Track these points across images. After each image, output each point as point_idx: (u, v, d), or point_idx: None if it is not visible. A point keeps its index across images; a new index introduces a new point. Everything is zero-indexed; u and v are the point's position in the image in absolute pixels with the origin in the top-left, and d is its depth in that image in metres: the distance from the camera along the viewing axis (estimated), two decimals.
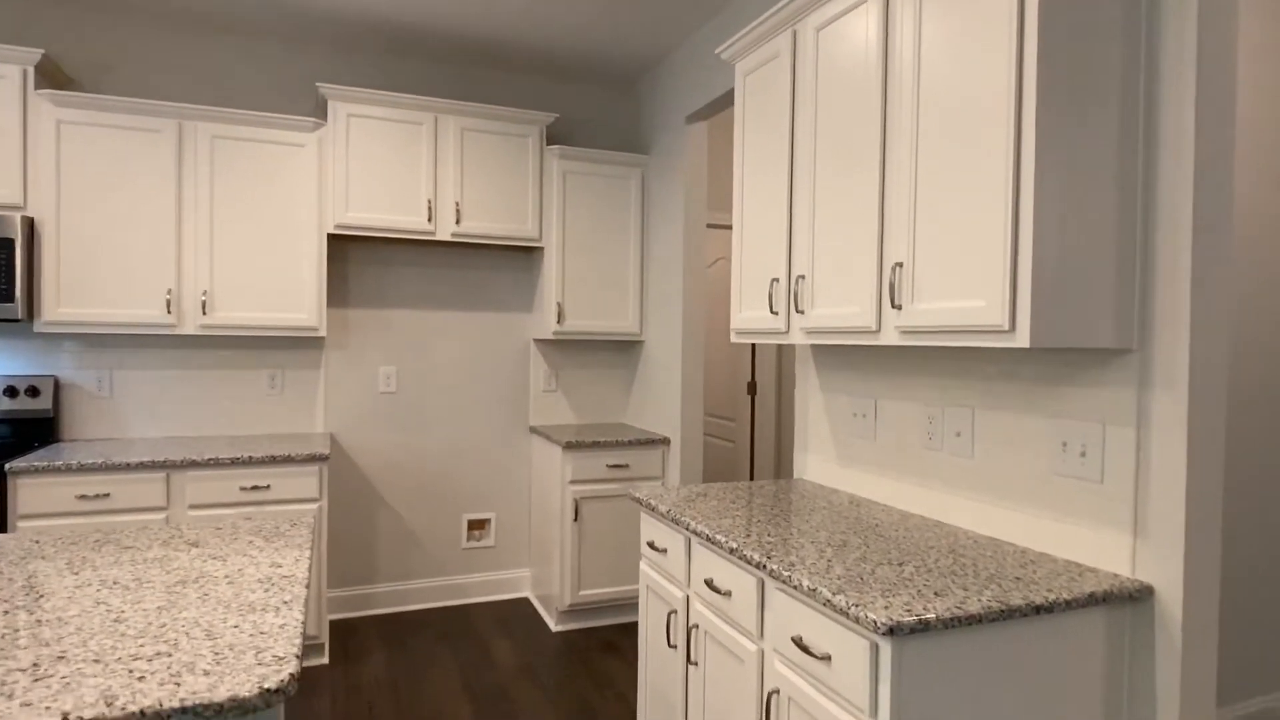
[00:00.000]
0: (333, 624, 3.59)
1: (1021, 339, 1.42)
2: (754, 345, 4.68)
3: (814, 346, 2.56)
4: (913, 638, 1.30)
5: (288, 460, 3.01)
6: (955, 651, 1.34)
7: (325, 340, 3.65)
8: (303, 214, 3.31)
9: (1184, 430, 1.44)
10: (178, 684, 1.01)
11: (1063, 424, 1.67)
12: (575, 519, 3.47)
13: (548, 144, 3.97)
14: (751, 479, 4.77)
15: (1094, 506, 1.60)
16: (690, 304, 3.53)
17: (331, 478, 3.67)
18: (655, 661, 2.23)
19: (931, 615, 1.29)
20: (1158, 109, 1.50)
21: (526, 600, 3.94)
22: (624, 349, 4.19)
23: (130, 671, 1.04)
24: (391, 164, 3.40)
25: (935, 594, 1.40)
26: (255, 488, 2.99)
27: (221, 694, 0.98)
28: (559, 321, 3.70)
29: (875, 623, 1.28)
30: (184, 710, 0.96)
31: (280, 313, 3.28)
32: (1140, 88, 1.52)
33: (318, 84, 3.33)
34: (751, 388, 4.73)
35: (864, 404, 2.29)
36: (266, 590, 1.38)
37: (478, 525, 3.95)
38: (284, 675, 1.04)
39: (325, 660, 3.17)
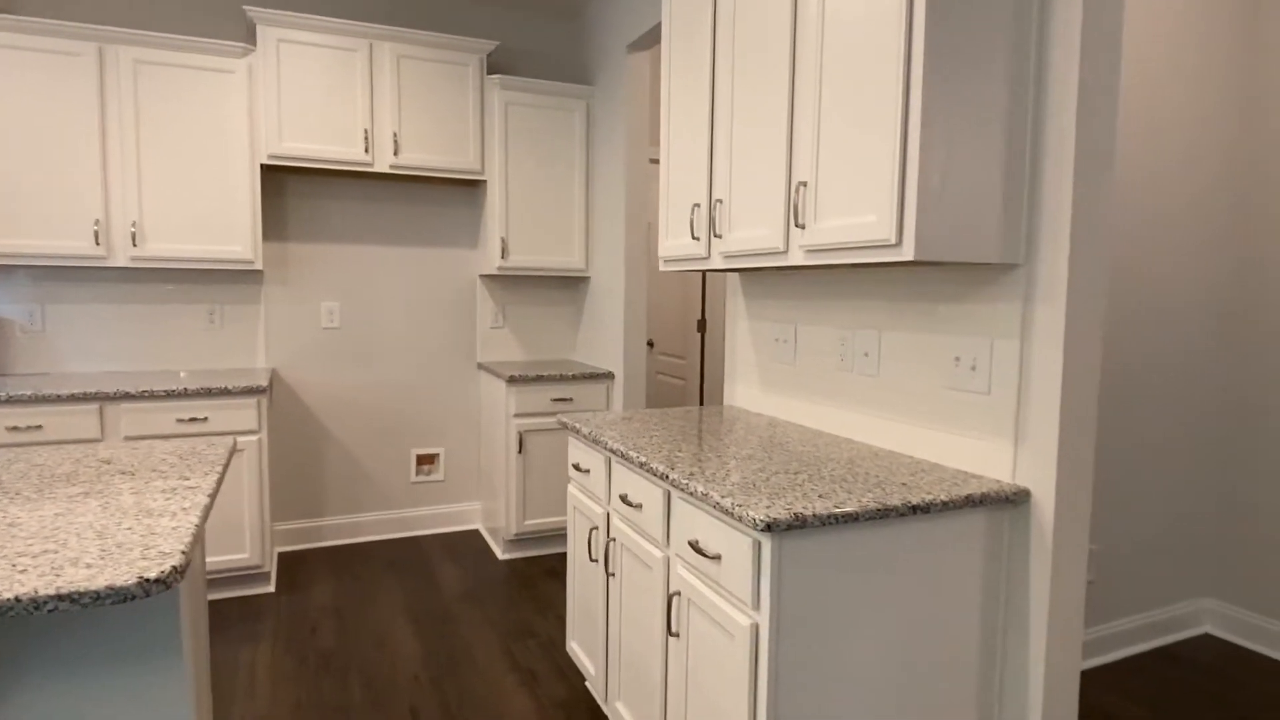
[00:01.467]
0: (281, 555, 3.64)
1: (907, 252, 1.46)
2: (704, 283, 4.71)
3: (742, 276, 2.59)
4: (790, 534, 1.37)
5: (225, 393, 3.01)
6: (833, 548, 1.41)
7: (264, 275, 3.60)
8: (234, 143, 3.23)
9: (1061, 341, 1.51)
10: (58, 575, 1.04)
11: (957, 340, 1.73)
12: (520, 451, 3.53)
13: (489, 73, 3.89)
14: None
15: (981, 417, 1.68)
16: (633, 239, 3.53)
17: (276, 413, 3.67)
18: (580, 576, 2.31)
19: (808, 512, 1.36)
20: (1049, 43, 1.52)
21: (476, 532, 4.03)
22: (571, 285, 4.20)
23: (13, 566, 1.07)
24: (325, 92, 3.32)
25: (819, 496, 1.46)
26: (193, 419, 2.99)
27: (99, 583, 1.02)
28: (503, 257, 3.69)
29: (755, 520, 1.34)
30: (60, 597, 0.99)
31: (214, 245, 3.23)
32: (1034, 20, 1.54)
33: (245, 7, 3.22)
34: (701, 325, 4.77)
35: (785, 330, 2.34)
36: (168, 499, 1.41)
37: (427, 460, 3.99)
38: (165, 567, 1.07)
39: (271, 589, 3.23)
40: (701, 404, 4.83)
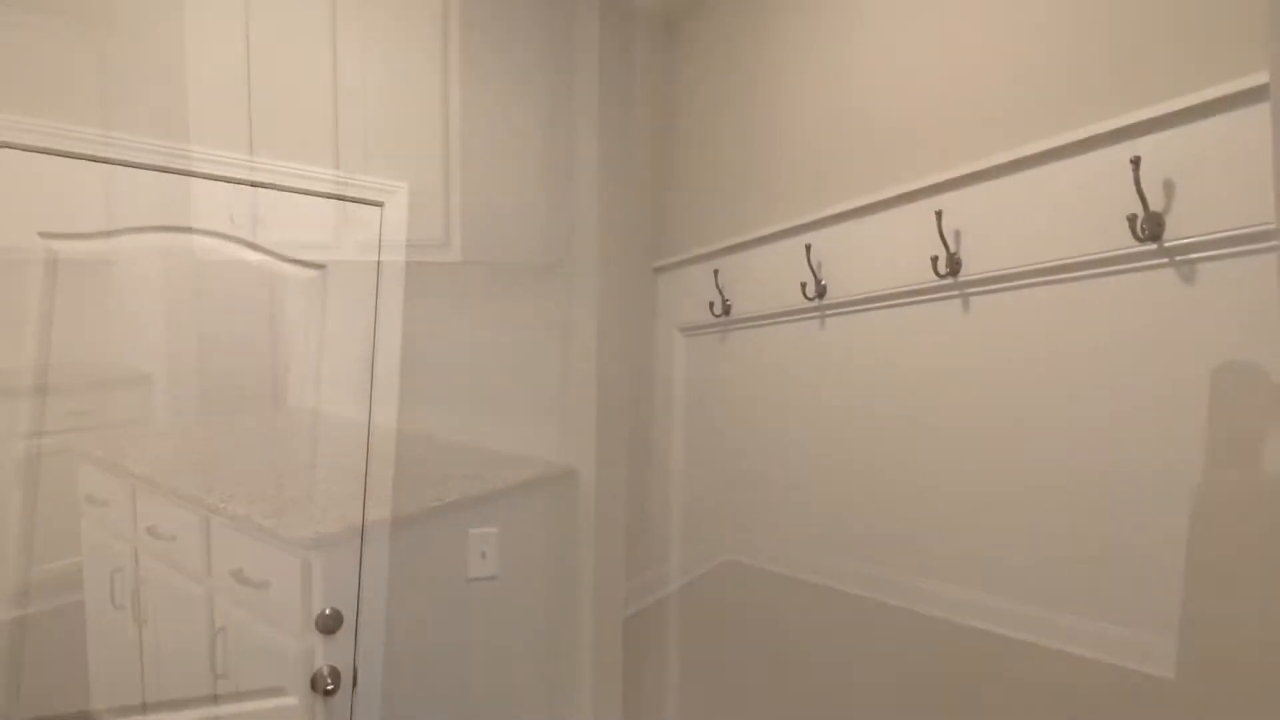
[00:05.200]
0: None
1: (454, 255, 1.51)
2: None
3: None
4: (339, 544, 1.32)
5: None
6: (401, 551, 1.40)
7: None
8: None
9: (594, 335, 1.70)
10: None
11: (518, 336, 1.84)
12: None
13: None
14: None
15: (544, 408, 1.81)
16: None
17: None
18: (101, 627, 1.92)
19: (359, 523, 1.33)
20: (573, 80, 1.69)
21: None
22: None
23: None
24: None
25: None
26: None
27: None
28: None
29: (303, 539, 1.26)
30: None
31: None
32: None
33: None
34: None
35: None
36: None
37: None
38: None
39: None
40: None
